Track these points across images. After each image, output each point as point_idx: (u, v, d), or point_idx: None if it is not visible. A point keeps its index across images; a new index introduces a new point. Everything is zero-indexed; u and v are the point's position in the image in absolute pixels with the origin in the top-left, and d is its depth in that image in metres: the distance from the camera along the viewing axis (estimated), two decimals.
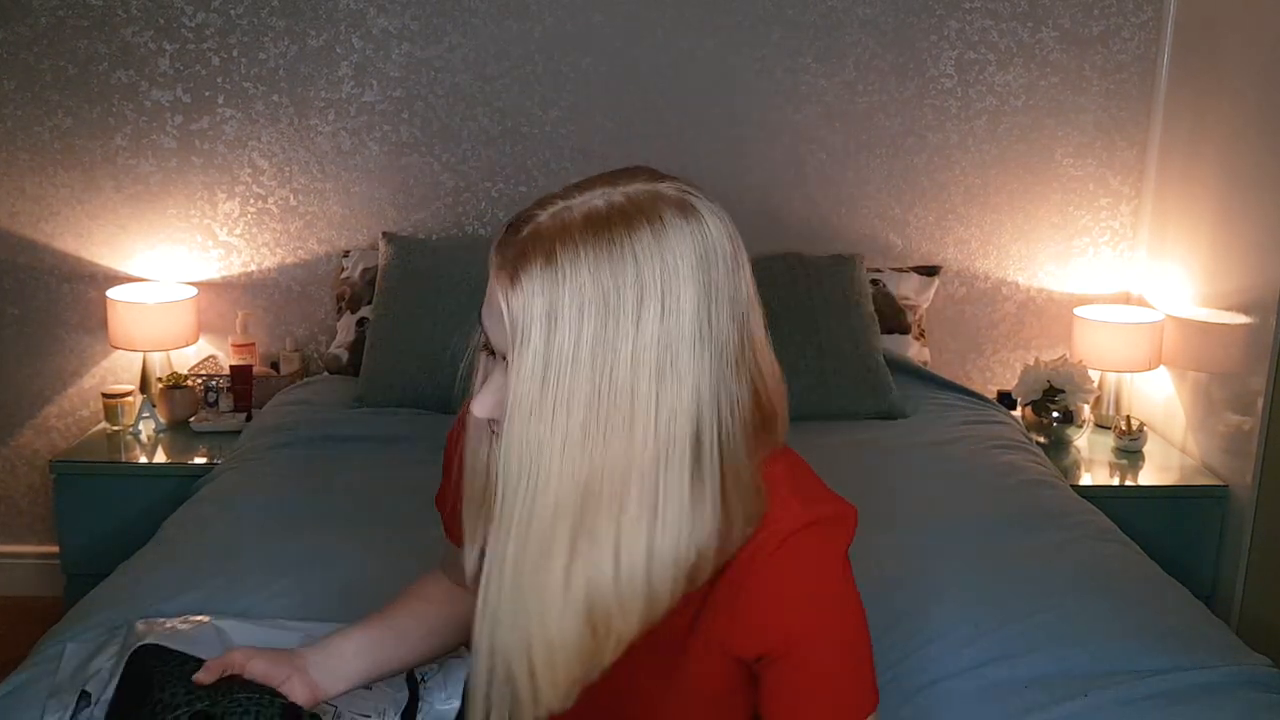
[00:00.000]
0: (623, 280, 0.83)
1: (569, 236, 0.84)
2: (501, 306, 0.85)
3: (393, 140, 2.82)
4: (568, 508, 0.84)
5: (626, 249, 0.84)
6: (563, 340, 0.82)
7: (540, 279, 0.83)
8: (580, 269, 0.83)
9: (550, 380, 0.82)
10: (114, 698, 1.18)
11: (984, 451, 2.35)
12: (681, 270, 0.84)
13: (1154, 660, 1.56)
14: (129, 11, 2.72)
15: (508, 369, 0.85)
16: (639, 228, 0.84)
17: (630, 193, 0.87)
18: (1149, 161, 2.87)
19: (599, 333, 0.82)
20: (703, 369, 0.85)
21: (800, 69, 2.81)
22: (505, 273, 0.86)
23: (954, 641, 1.61)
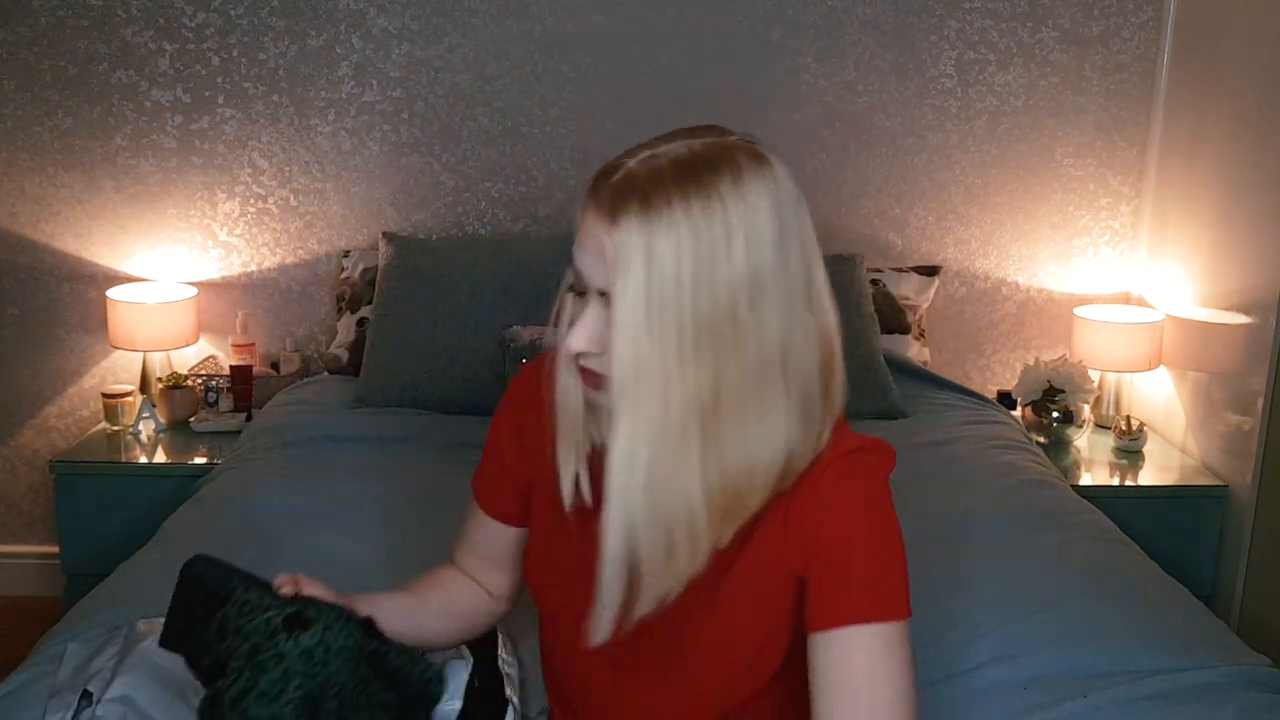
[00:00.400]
0: (712, 218, 0.93)
1: (660, 180, 0.94)
2: (601, 244, 0.95)
3: (393, 140, 2.82)
4: (694, 413, 0.95)
5: (712, 191, 0.94)
6: (663, 271, 0.93)
7: (637, 218, 0.93)
8: (674, 208, 0.93)
9: (654, 306, 0.93)
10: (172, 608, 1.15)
11: (984, 451, 2.35)
12: (760, 210, 0.95)
13: (1154, 660, 1.56)
14: (129, 11, 2.72)
15: (607, 303, 0.96)
16: (721, 172, 0.95)
17: (708, 143, 0.97)
18: (1149, 161, 2.87)
19: (696, 264, 0.93)
20: (783, 299, 0.97)
21: (800, 69, 2.81)
22: (603, 214, 0.95)
23: (954, 642, 1.61)
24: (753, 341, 0.96)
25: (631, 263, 0.93)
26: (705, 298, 0.94)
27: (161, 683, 1.37)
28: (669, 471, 0.96)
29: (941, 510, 2.02)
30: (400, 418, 2.50)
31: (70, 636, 1.58)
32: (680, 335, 0.94)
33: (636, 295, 0.93)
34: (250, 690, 1.03)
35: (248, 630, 1.06)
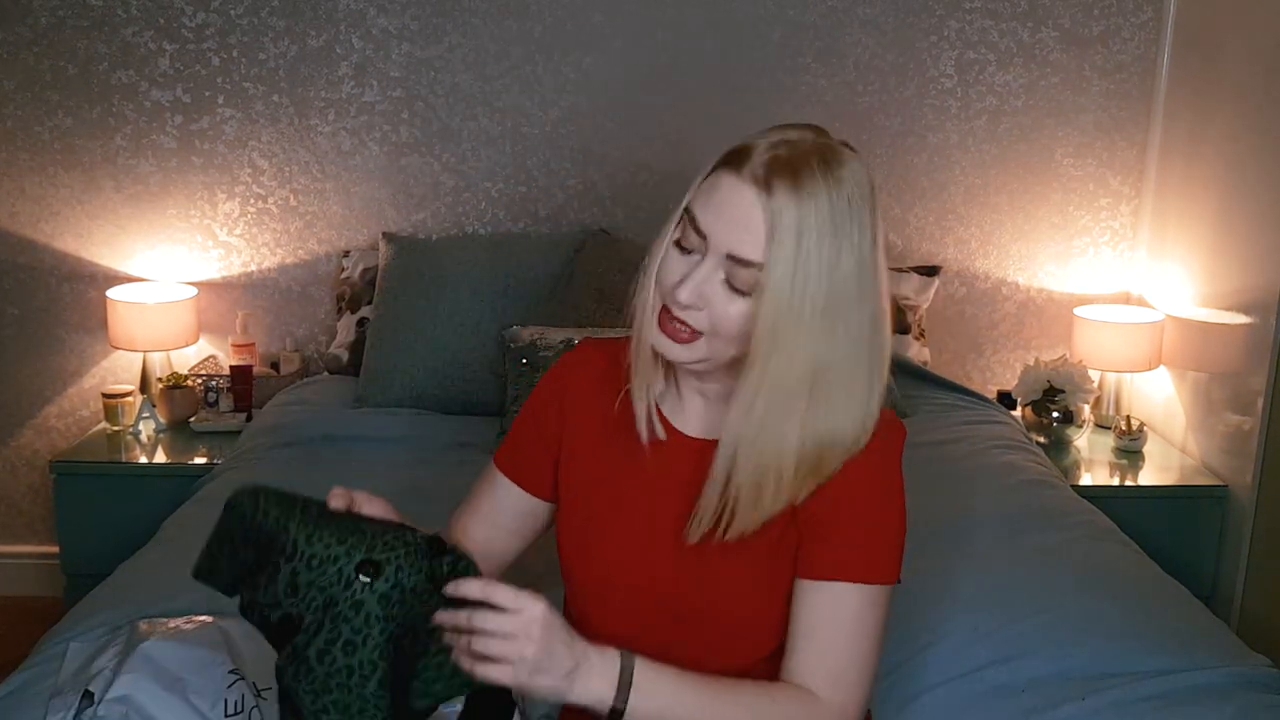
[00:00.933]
0: (843, 204, 1.06)
1: (808, 162, 1.06)
2: (755, 213, 1.05)
3: (393, 140, 2.82)
4: (806, 378, 1.07)
5: (843, 178, 1.06)
6: (809, 245, 1.04)
7: (790, 192, 1.04)
8: (819, 192, 1.05)
9: (799, 276, 1.04)
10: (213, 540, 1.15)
11: (984, 451, 2.35)
12: (866, 199, 1.08)
13: (1153, 661, 1.57)
14: (129, 12, 2.72)
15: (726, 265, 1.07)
16: (842, 164, 1.08)
17: (826, 139, 1.10)
18: (1149, 161, 2.87)
19: (833, 245, 1.05)
20: (878, 283, 1.10)
21: (800, 69, 2.81)
22: (757, 183, 1.05)
23: (953, 644, 1.61)
24: (856, 321, 1.08)
25: (785, 233, 1.04)
26: (837, 273, 1.06)
27: (163, 682, 1.38)
28: (774, 424, 1.08)
29: (941, 510, 2.02)
30: (400, 418, 2.50)
31: (71, 636, 1.58)
32: (814, 306, 1.05)
33: (787, 265, 1.04)
34: (335, 642, 1.03)
35: (321, 583, 1.05)
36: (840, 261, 1.06)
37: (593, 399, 1.27)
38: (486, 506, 1.33)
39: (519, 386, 2.35)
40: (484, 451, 2.34)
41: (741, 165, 1.07)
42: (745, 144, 1.09)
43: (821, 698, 1.12)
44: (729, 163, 1.08)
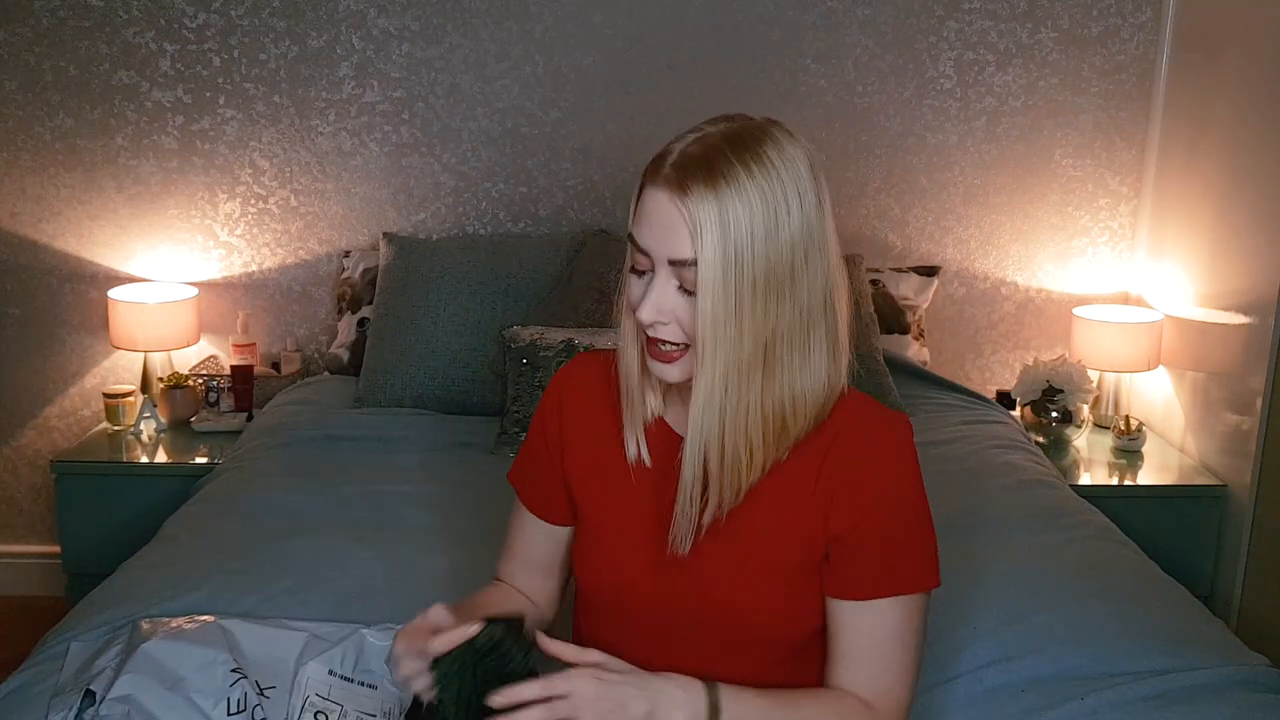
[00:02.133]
0: (771, 181, 1.06)
1: (719, 152, 1.06)
2: (672, 215, 1.06)
3: (393, 140, 2.83)
4: (757, 357, 1.08)
5: (765, 157, 1.06)
6: (738, 232, 1.04)
7: (706, 186, 1.05)
8: (738, 175, 1.05)
9: (730, 265, 1.05)
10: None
11: (983, 451, 2.36)
12: (802, 175, 1.08)
13: (1152, 660, 1.57)
14: (130, 12, 2.73)
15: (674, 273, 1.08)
16: (765, 142, 1.07)
17: (743, 123, 1.10)
18: (1148, 162, 2.88)
19: (765, 223, 1.05)
20: (826, 250, 1.10)
21: (800, 69, 2.81)
22: (672, 188, 1.06)
23: (953, 644, 1.61)
24: (804, 289, 1.09)
25: (708, 227, 1.04)
26: (773, 253, 1.06)
27: (164, 682, 1.38)
28: (736, 402, 1.09)
29: (940, 510, 1.99)
30: (400, 418, 2.50)
31: (72, 636, 1.58)
32: (753, 289, 1.06)
33: (714, 256, 1.05)
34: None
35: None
36: (778, 233, 1.06)
37: (591, 409, 1.27)
38: (520, 547, 1.35)
39: (519, 386, 2.35)
40: (484, 451, 2.35)
41: (657, 174, 1.08)
42: (660, 151, 1.10)
43: (876, 706, 1.15)
44: (647, 175, 1.10)
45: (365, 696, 1.43)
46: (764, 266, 1.06)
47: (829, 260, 1.11)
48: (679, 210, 1.06)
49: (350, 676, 1.46)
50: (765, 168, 1.06)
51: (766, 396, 1.10)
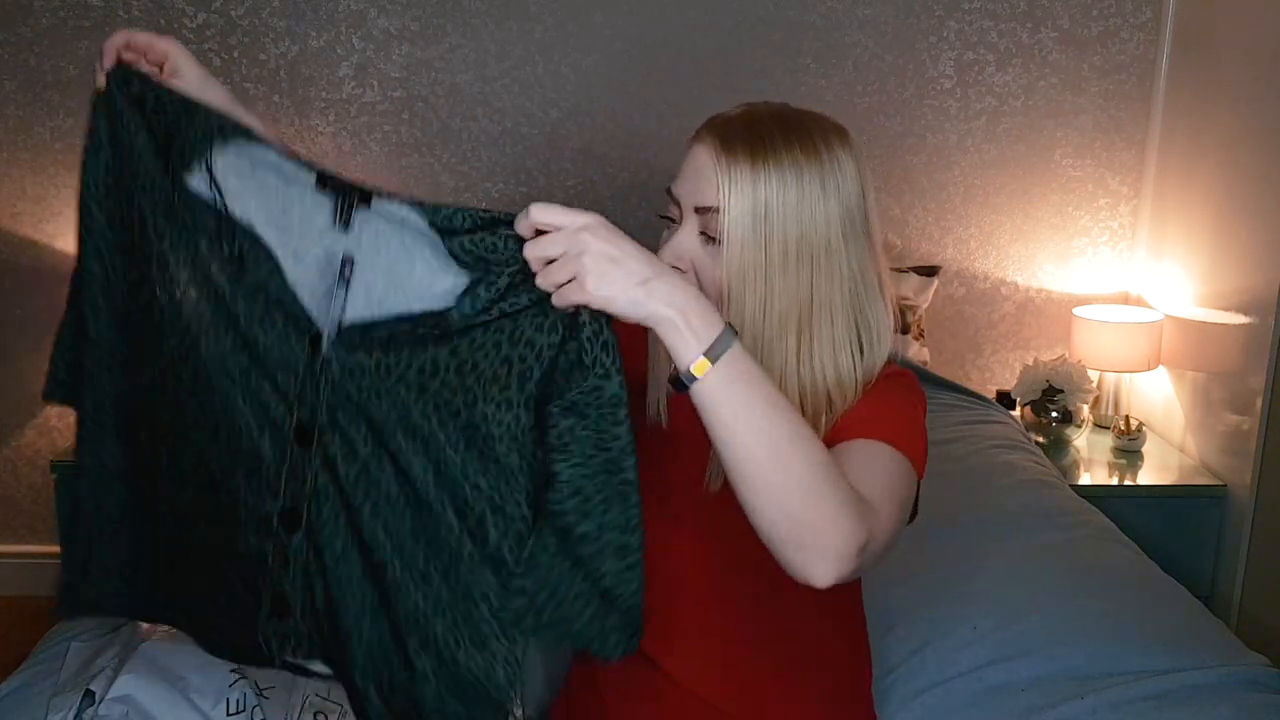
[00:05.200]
0: (811, 161, 1.09)
1: (763, 122, 1.11)
2: (707, 165, 1.10)
3: (393, 141, 2.83)
4: (792, 319, 1.10)
5: (810, 141, 1.10)
6: (769, 195, 1.08)
7: (745, 142, 1.09)
8: (777, 142, 1.09)
9: (759, 223, 1.08)
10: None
11: (983, 451, 2.36)
12: (848, 166, 1.12)
13: (1152, 661, 1.57)
14: (130, 13, 2.73)
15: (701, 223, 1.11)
16: (814, 131, 1.12)
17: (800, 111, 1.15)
18: (1148, 162, 2.88)
19: (800, 195, 1.08)
20: (866, 240, 1.13)
21: (800, 69, 2.81)
22: (714, 141, 1.10)
23: (953, 643, 1.61)
24: (842, 268, 1.11)
25: (738, 179, 1.08)
26: (806, 223, 1.08)
27: (164, 682, 1.38)
28: (768, 356, 1.10)
29: (940, 510, 2.02)
30: None
31: (72, 636, 1.59)
32: (783, 252, 1.08)
33: (742, 209, 1.08)
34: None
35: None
36: (812, 206, 1.09)
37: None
38: None
39: None
40: None
41: (701, 132, 1.14)
42: (710, 117, 1.16)
43: (865, 510, 1.01)
44: (694, 136, 1.16)
45: None
46: (796, 233, 1.08)
47: (871, 248, 1.14)
48: (713, 160, 1.10)
49: None
50: (807, 147, 1.09)
51: (804, 369, 1.12)
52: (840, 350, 1.13)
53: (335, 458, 1.03)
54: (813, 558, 0.92)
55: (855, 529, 0.92)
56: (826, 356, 1.12)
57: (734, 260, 1.09)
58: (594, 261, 0.90)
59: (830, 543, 0.91)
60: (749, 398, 0.91)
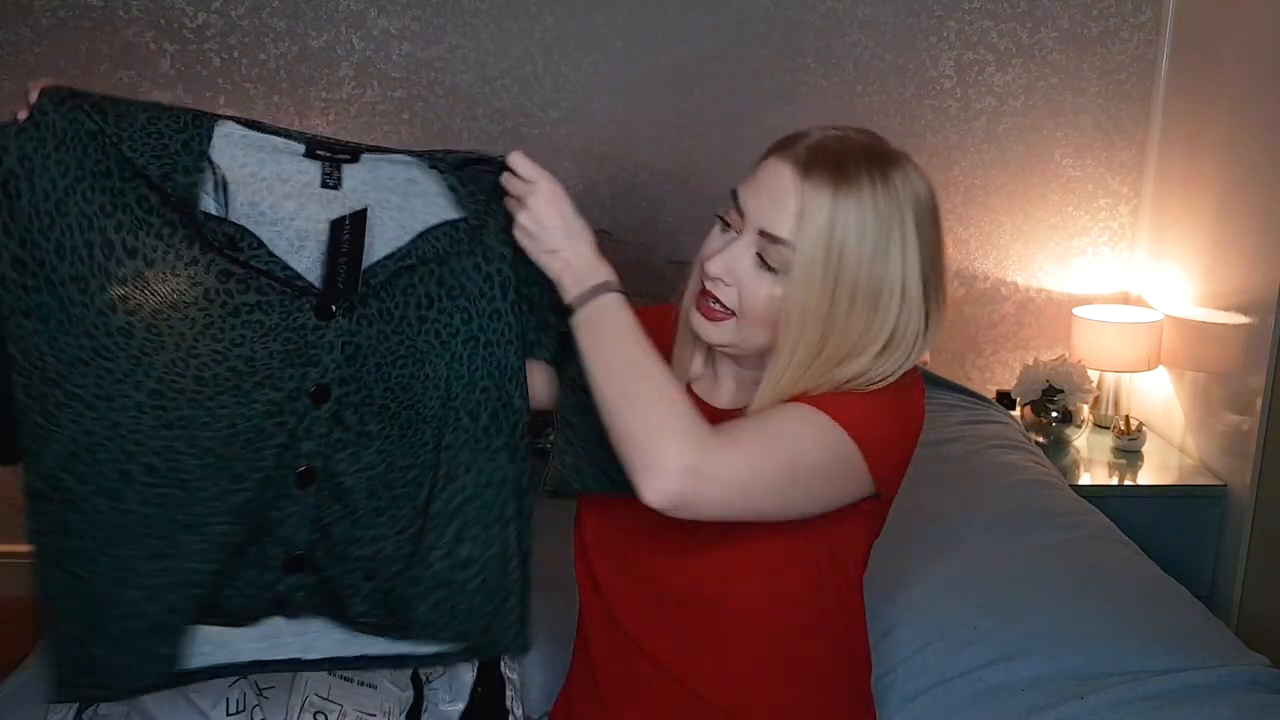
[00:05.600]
0: (892, 201, 1.08)
1: (854, 157, 1.08)
2: (791, 191, 1.07)
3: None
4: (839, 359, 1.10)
5: (893, 179, 1.08)
6: (845, 234, 1.06)
7: (831, 179, 1.06)
8: (863, 184, 1.06)
9: (831, 266, 1.06)
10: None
11: (983, 451, 2.36)
12: (925, 208, 1.12)
13: (1152, 661, 1.57)
14: (130, 12, 2.73)
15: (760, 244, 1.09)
16: (898, 167, 1.10)
17: (882, 144, 1.12)
18: (1148, 162, 2.88)
19: (876, 237, 1.07)
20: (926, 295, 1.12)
21: (800, 69, 2.81)
22: (797, 166, 1.08)
23: (953, 643, 1.61)
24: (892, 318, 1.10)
25: (817, 217, 1.06)
26: (878, 269, 1.07)
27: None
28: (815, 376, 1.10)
29: (940, 510, 2.02)
30: None
31: None
32: (852, 295, 1.07)
33: (816, 248, 1.06)
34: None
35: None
36: (889, 254, 1.08)
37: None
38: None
39: None
40: None
41: (788, 148, 1.10)
42: (799, 131, 1.12)
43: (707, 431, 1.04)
44: (778, 147, 1.12)
45: (365, 696, 1.42)
46: (866, 279, 1.07)
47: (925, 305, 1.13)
48: (795, 188, 1.07)
49: (350, 676, 1.46)
50: (890, 190, 1.08)
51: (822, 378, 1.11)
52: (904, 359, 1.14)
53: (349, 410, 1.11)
54: (642, 473, 1.00)
55: (682, 449, 0.99)
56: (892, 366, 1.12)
57: (798, 297, 1.08)
58: (527, 217, 1.10)
59: (656, 458, 0.99)
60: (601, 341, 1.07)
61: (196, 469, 1.07)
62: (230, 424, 1.08)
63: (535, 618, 1.63)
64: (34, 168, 1.02)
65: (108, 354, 1.04)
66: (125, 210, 1.04)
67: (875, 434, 1.10)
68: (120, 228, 1.04)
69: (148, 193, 1.04)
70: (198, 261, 1.05)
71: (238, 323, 1.07)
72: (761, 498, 1.05)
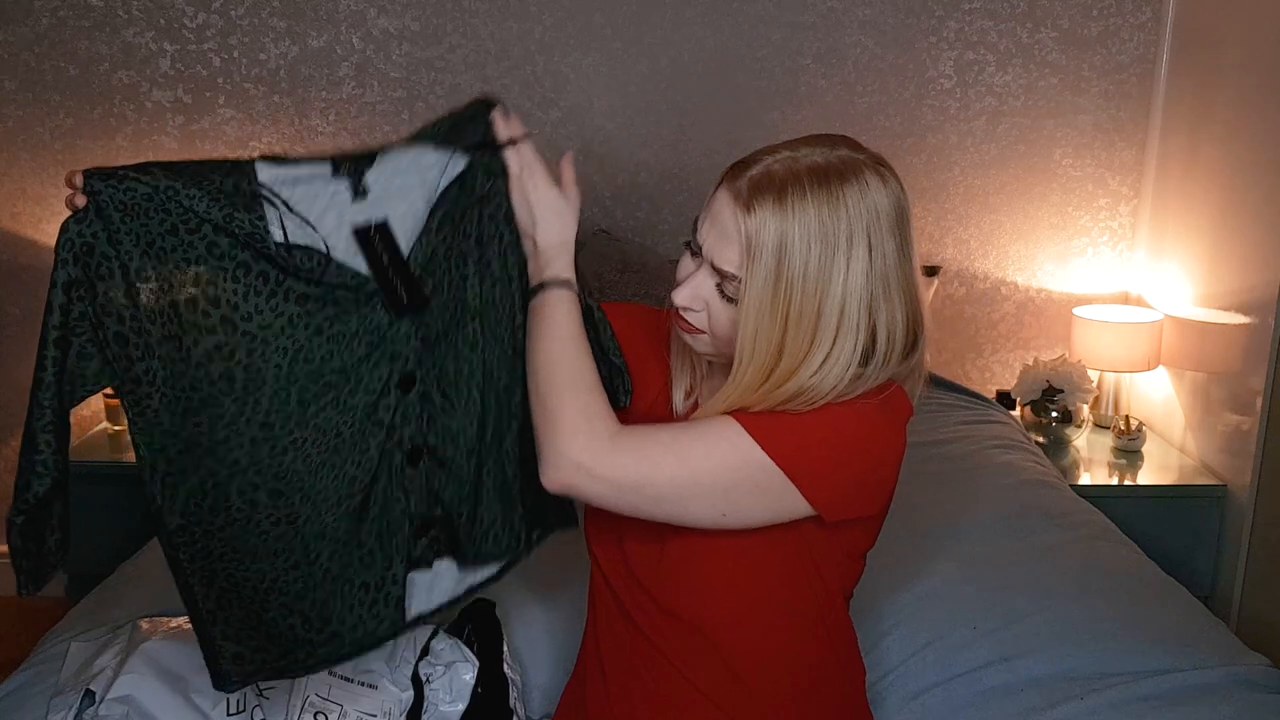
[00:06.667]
0: (839, 222, 1.06)
1: (798, 181, 1.07)
2: (734, 227, 1.08)
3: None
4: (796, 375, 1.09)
5: (841, 199, 1.07)
6: (791, 264, 1.06)
7: (773, 210, 1.06)
8: (807, 208, 1.06)
9: (780, 291, 1.06)
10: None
11: (983, 451, 2.36)
12: (883, 224, 1.08)
13: (1152, 661, 1.57)
14: (130, 12, 2.73)
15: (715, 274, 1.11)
16: (850, 183, 1.08)
17: (841, 155, 1.10)
18: (1148, 162, 2.88)
19: (822, 262, 1.06)
20: (894, 304, 1.09)
21: (800, 69, 2.81)
22: (740, 201, 1.08)
23: (953, 644, 1.61)
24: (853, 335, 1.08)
25: (763, 251, 1.06)
26: (828, 292, 1.06)
27: (164, 682, 1.38)
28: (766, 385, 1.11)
29: (940, 510, 2.02)
30: None
31: (72, 636, 1.59)
32: (800, 319, 1.07)
33: (765, 281, 1.06)
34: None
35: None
36: (836, 279, 1.06)
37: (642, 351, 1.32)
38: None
39: None
40: None
41: (734, 179, 1.10)
42: (749, 157, 1.12)
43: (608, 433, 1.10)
44: (728, 176, 1.12)
45: (365, 696, 1.43)
46: (812, 300, 1.06)
47: (903, 306, 1.10)
48: (739, 225, 1.08)
49: (350, 676, 1.46)
50: (836, 206, 1.06)
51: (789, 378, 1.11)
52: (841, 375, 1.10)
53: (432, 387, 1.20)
54: (543, 460, 1.10)
55: (576, 447, 1.08)
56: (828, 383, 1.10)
57: (749, 326, 1.09)
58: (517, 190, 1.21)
59: (554, 450, 1.09)
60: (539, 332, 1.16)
61: (314, 482, 1.15)
62: (336, 433, 1.15)
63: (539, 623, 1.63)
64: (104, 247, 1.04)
65: (214, 402, 1.09)
66: (200, 262, 1.07)
67: (803, 456, 1.09)
68: (199, 281, 1.07)
69: (215, 238, 1.07)
70: (276, 294, 1.10)
71: (322, 340, 1.13)
72: (653, 501, 1.10)
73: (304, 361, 1.12)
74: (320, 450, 1.15)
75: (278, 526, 1.14)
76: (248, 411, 1.10)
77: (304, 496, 1.15)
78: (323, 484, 1.16)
